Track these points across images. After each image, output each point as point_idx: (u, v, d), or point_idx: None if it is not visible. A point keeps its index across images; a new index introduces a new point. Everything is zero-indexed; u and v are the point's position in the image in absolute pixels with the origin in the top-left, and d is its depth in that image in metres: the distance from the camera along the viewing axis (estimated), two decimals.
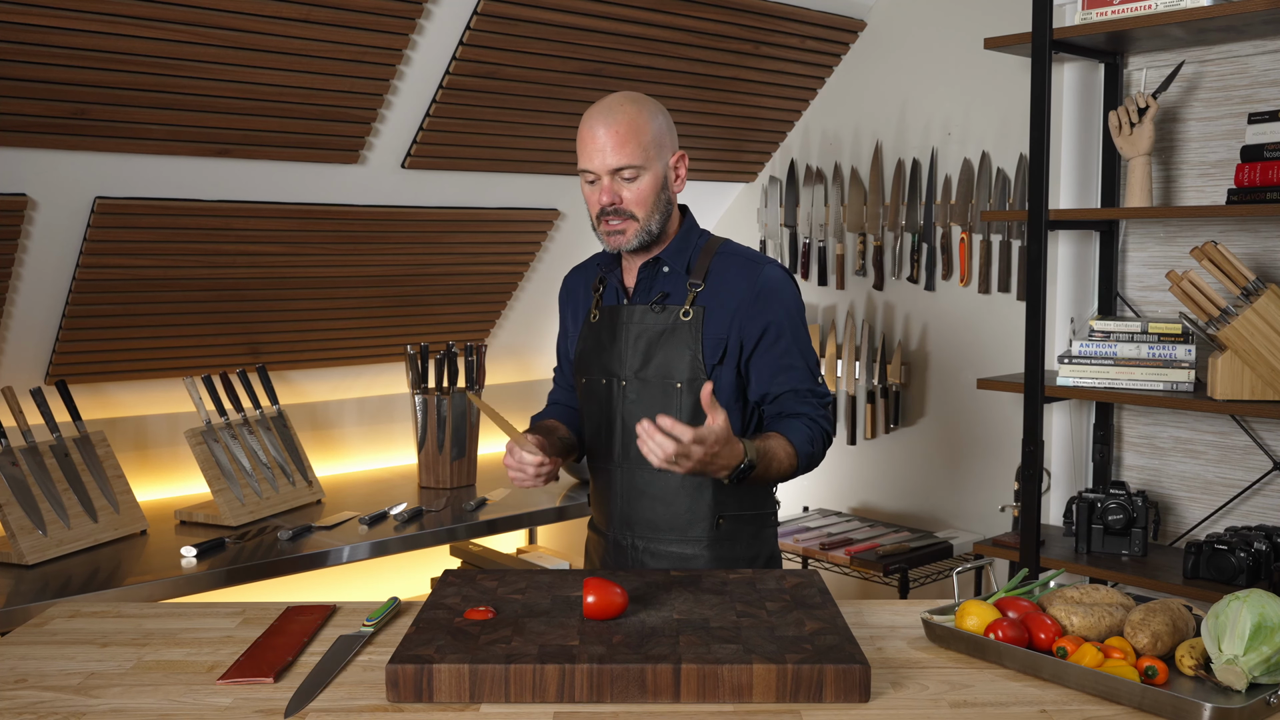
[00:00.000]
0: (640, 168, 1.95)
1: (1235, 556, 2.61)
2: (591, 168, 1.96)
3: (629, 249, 2.00)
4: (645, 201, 1.97)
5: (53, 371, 2.91)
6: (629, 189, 1.96)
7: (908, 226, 3.52)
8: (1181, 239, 2.98)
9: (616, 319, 2.06)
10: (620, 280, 2.09)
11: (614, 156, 1.93)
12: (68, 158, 2.56)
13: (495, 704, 1.46)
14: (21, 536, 2.47)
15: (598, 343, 2.09)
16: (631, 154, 1.93)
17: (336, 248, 3.15)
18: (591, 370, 2.09)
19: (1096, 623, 1.59)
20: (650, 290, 2.05)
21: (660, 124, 1.98)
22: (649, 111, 1.97)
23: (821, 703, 1.46)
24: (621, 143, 1.93)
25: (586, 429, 2.15)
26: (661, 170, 1.99)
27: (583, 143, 1.96)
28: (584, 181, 2.00)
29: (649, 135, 1.95)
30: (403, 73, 2.81)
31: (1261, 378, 2.58)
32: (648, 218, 1.98)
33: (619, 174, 1.95)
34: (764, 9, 3.22)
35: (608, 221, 1.98)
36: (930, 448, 3.53)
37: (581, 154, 1.97)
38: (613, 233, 1.98)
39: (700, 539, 2.03)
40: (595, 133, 1.94)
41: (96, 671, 1.60)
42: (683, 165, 2.04)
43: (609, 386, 2.06)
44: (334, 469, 3.53)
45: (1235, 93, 2.86)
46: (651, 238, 2.00)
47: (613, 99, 1.98)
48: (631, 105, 1.96)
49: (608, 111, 1.95)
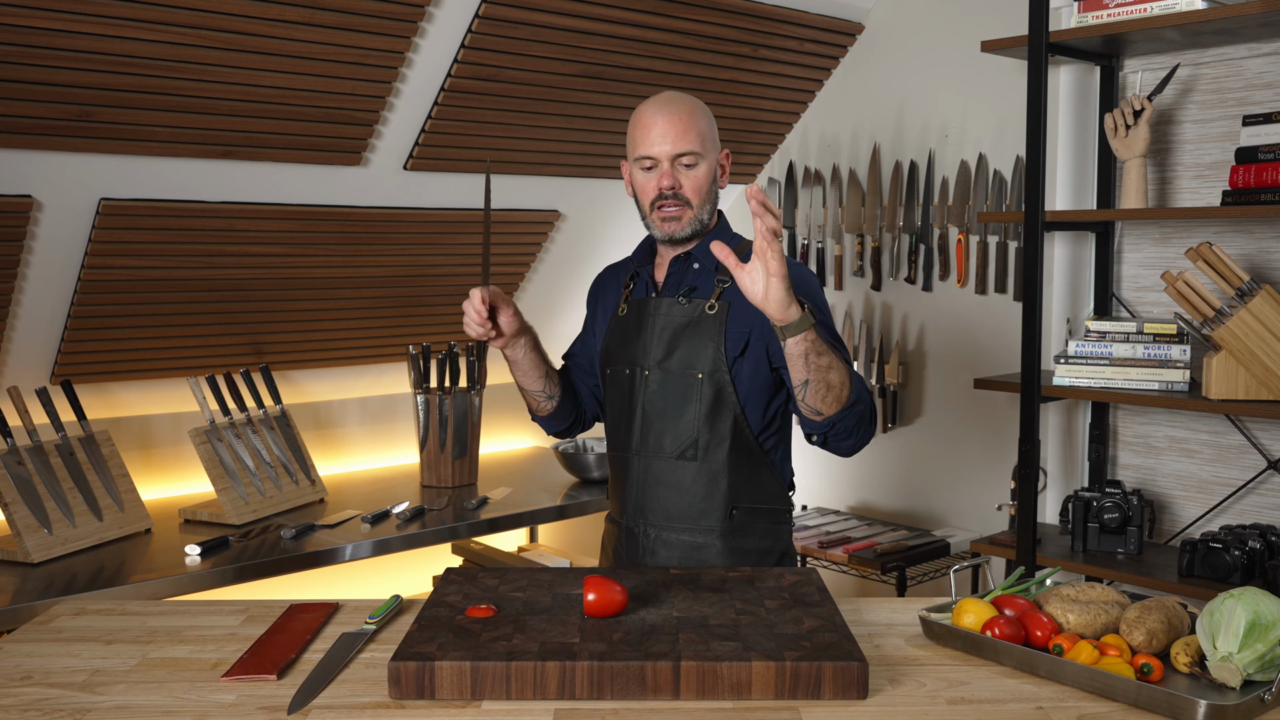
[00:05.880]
0: (699, 155, 2.00)
1: (1230, 555, 2.62)
2: (653, 153, 2.00)
3: (681, 236, 2.04)
4: (701, 189, 2.02)
5: (58, 371, 2.93)
6: (687, 176, 2.01)
7: (905, 228, 3.54)
8: (1176, 240, 3.00)
9: (644, 311, 2.11)
10: (651, 276, 2.14)
11: (676, 143, 1.99)
12: (73, 159, 2.58)
13: (496, 701, 1.47)
14: (27, 535, 2.49)
15: (624, 334, 2.13)
16: (692, 141, 1.99)
17: (339, 249, 3.16)
18: (616, 360, 2.13)
19: (1092, 620, 1.60)
20: (679, 285, 2.09)
21: (711, 120, 2.06)
22: (702, 107, 2.06)
23: (820, 700, 1.47)
24: (684, 130, 1.99)
25: (608, 418, 2.19)
26: (714, 163, 2.05)
27: (643, 129, 2.01)
28: (639, 169, 2.03)
29: (705, 127, 2.02)
30: (405, 75, 2.83)
31: (1256, 377, 2.60)
32: (701, 206, 2.03)
33: (679, 160, 2.00)
34: (763, 12, 3.23)
35: (663, 208, 2.02)
36: (928, 447, 3.55)
37: (640, 141, 2.01)
38: (669, 219, 2.02)
39: (713, 529, 2.05)
40: (656, 120, 2.00)
41: (101, 669, 1.61)
42: (727, 162, 2.10)
43: (631, 376, 2.09)
44: (336, 468, 3.54)
45: (1230, 95, 2.88)
46: (702, 226, 2.05)
47: (668, 94, 2.05)
48: (688, 99, 2.04)
49: (667, 102, 2.02)
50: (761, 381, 2.04)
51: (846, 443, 1.93)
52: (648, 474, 2.08)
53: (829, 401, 1.83)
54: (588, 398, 2.30)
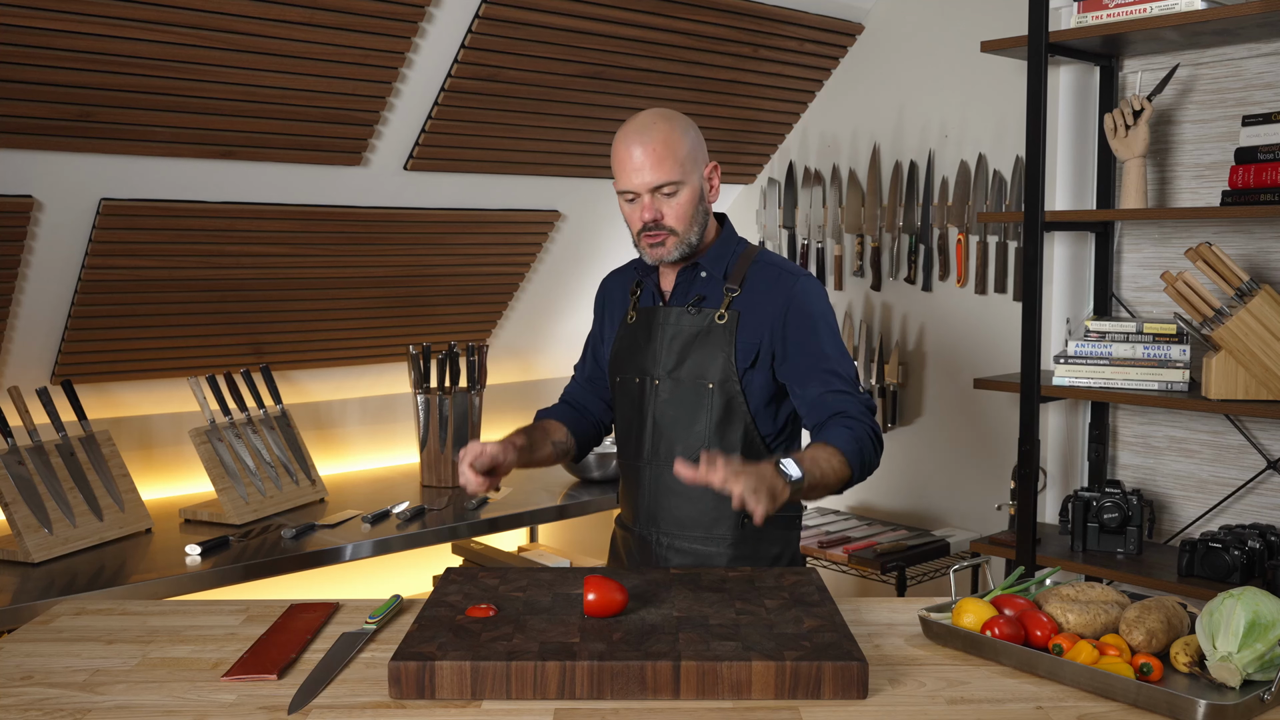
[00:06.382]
0: (678, 183, 1.98)
1: (1229, 555, 2.62)
2: (631, 187, 1.98)
3: (670, 260, 2.04)
4: (684, 216, 2.00)
5: (58, 371, 2.93)
6: (668, 205, 1.99)
7: (905, 228, 3.54)
8: (1176, 240, 3.00)
9: (653, 320, 2.10)
10: (657, 284, 2.13)
11: (652, 175, 1.96)
12: (73, 159, 2.58)
13: (497, 700, 1.48)
14: (28, 534, 2.49)
15: (633, 342, 2.12)
16: (669, 171, 1.96)
17: (339, 249, 3.16)
18: (626, 369, 2.13)
19: (1092, 620, 1.61)
20: (687, 294, 2.08)
21: (693, 138, 2.01)
22: (680, 127, 2.00)
23: (820, 699, 1.48)
24: (659, 161, 1.96)
25: (618, 426, 2.19)
26: (697, 183, 2.02)
27: (620, 163, 1.99)
28: (623, 200, 2.02)
29: (684, 151, 1.98)
30: (405, 75, 2.83)
31: (1255, 377, 2.60)
32: (687, 230, 2.01)
33: (658, 191, 1.98)
34: (763, 12, 3.23)
35: (648, 236, 2.01)
36: (927, 447, 3.55)
37: (620, 175, 1.99)
38: (654, 245, 2.01)
39: (725, 538, 2.05)
40: (632, 153, 1.97)
41: (101, 668, 1.61)
42: (716, 175, 2.07)
43: (642, 385, 2.09)
44: (337, 468, 3.55)
45: (1229, 95, 2.88)
46: (691, 249, 2.04)
47: (644, 117, 2.00)
48: (664, 122, 1.99)
49: (642, 130, 1.98)
50: (772, 391, 2.04)
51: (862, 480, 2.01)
52: (659, 483, 2.08)
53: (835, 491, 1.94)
54: (604, 412, 2.30)
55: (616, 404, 2.18)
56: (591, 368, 2.29)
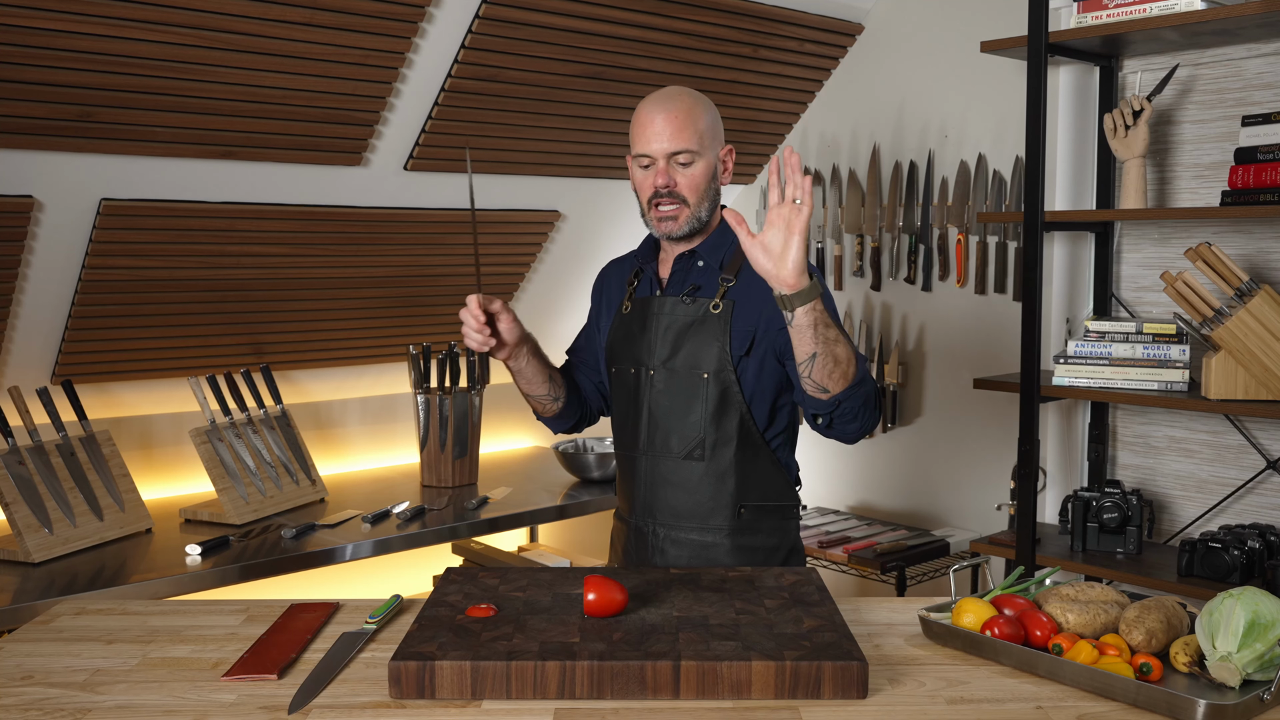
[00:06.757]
0: (695, 153, 2.00)
1: (1229, 554, 2.63)
2: (649, 151, 2.00)
3: (679, 234, 2.04)
4: (698, 188, 2.02)
5: (59, 371, 2.93)
6: (683, 174, 2.01)
7: (905, 228, 3.54)
8: (1176, 240, 3.00)
9: (648, 309, 2.11)
10: (655, 273, 2.14)
11: (671, 141, 1.98)
12: (73, 160, 2.58)
13: (497, 700, 1.48)
14: (28, 534, 2.49)
15: (628, 333, 2.13)
16: (688, 139, 1.98)
17: (340, 249, 3.17)
18: (621, 359, 2.14)
19: (1092, 620, 1.61)
20: (684, 283, 2.09)
21: (713, 116, 2.05)
22: (704, 103, 2.04)
23: (820, 699, 1.48)
24: (680, 128, 1.98)
25: (614, 417, 2.19)
26: (713, 160, 2.04)
27: (640, 128, 2.01)
28: (637, 167, 2.04)
29: (704, 124, 2.01)
30: (405, 75, 2.83)
31: (1255, 377, 2.60)
32: (698, 204, 2.02)
33: (675, 158, 2.00)
34: (763, 12, 3.23)
35: (659, 206, 2.02)
36: (927, 447, 3.55)
37: (638, 139, 2.01)
38: (664, 218, 2.02)
39: (721, 528, 2.05)
40: (654, 118, 1.99)
41: (102, 668, 1.61)
42: (730, 159, 2.09)
43: (637, 375, 2.10)
44: (337, 468, 3.55)
45: (1229, 95, 2.88)
46: (700, 225, 2.05)
47: (669, 89, 2.04)
48: (688, 95, 2.03)
49: (666, 99, 2.01)
50: (767, 380, 2.04)
51: (852, 425, 1.90)
52: (655, 473, 2.08)
53: (836, 377, 1.81)
54: (592, 394, 2.30)
55: (613, 394, 2.19)
56: (583, 351, 2.30)
